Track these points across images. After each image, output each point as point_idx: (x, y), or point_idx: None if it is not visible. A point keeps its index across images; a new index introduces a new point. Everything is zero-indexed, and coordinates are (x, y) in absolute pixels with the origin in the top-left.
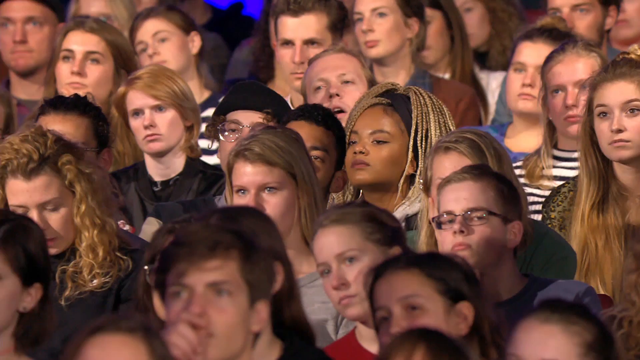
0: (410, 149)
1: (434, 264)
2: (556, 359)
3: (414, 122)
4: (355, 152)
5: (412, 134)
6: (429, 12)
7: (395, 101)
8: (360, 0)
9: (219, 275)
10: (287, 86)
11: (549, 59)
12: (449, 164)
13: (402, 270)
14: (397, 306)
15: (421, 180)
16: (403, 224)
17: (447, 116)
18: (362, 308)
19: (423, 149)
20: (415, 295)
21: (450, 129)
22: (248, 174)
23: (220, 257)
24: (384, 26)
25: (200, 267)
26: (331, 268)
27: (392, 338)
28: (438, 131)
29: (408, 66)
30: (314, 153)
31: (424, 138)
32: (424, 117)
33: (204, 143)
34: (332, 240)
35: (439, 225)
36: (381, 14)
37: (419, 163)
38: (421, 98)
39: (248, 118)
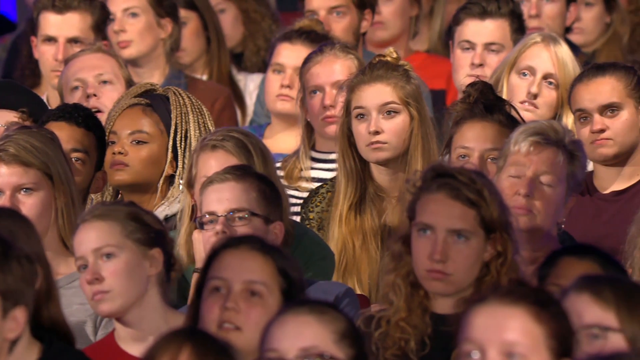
0: (170, 150)
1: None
2: (314, 345)
3: (173, 122)
4: (114, 153)
5: (172, 135)
6: (185, 13)
7: (154, 101)
8: (112, 0)
9: None
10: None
11: (307, 60)
12: (215, 162)
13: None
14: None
15: (181, 180)
16: None
17: (207, 116)
18: (115, 305)
19: (182, 149)
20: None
21: (209, 130)
22: (3, 175)
23: None
24: (136, 26)
25: None
26: (88, 262)
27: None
28: (197, 132)
29: (162, 67)
30: (75, 155)
31: (183, 138)
32: (183, 118)
33: None
34: (91, 235)
35: (201, 225)
36: (133, 14)
37: (179, 163)
38: (180, 98)
39: (2, 117)
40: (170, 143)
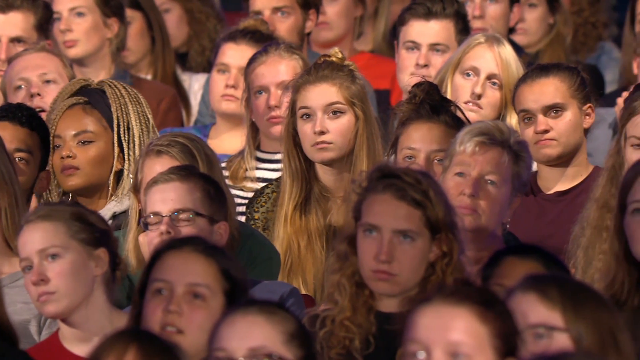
0: (116, 144)
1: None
2: (263, 345)
3: (114, 116)
4: (62, 157)
5: (115, 129)
6: (129, 12)
7: (92, 98)
8: None
9: None
10: None
11: (252, 61)
12: (160, 167)
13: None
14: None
15: (131, 176)
16: (111, 222)
17: (144, 105)
18: (61, 306)
19: (127, 141)
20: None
21: (148, 118)
22: None
23: None
24: (83, 26)
25: None
26: (33, 263)
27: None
28: (138, 122)
29: (108, 66)
30: (19, 155)
31: (126, 130)
32: (123, 110)
33: None
34: (36, 236)
35: (146, 226)
36: (79, 14)
37: (126, 157)
38: (117, 90)
39: None
40: (115, 137)
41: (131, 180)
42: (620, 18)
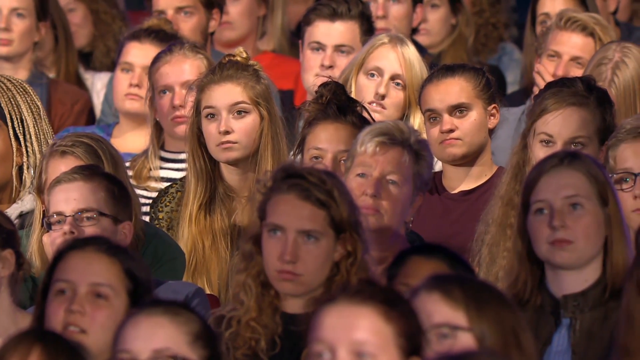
0: (13, 139)
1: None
2: (167, 347)
3: (6, 111)
4: None
5: (9, 124)
6: None
7: None
8: None
9: None
10: None
11: (156, 60)
12: (65, 168)
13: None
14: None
15: (32, 169)
16: (17, 221)
17: (32, 93)
18: None
19: (23, 134)
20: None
21: (38, 106)
22: None
23: None
24: (20, 27)
25: None
26: None
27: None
28: (30, 112)
29: (28, 67)
30: None
31: (20, 123)
32: (13, 102)
33: None
34: None
35: (49, 226)
36: (20, 15)
37: (24, 150)
38: (2, 84)
39: None
40: (11, 132)
41: (32, 172)
42: (520, 19)
